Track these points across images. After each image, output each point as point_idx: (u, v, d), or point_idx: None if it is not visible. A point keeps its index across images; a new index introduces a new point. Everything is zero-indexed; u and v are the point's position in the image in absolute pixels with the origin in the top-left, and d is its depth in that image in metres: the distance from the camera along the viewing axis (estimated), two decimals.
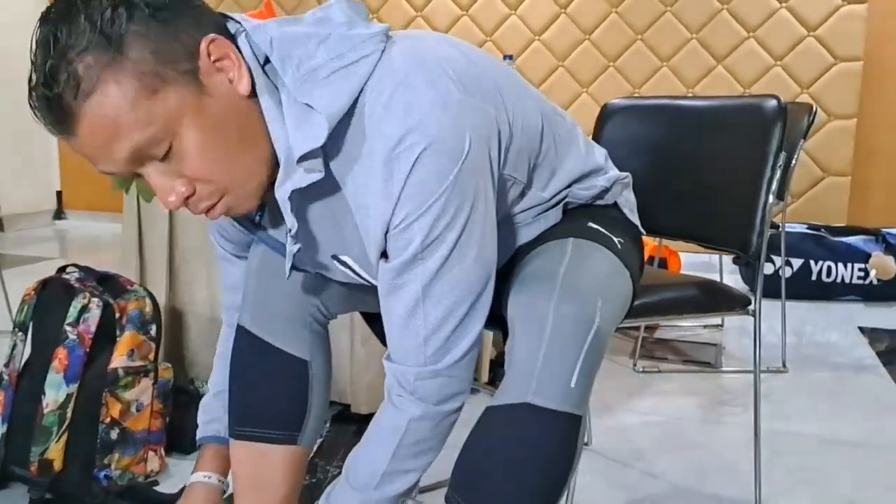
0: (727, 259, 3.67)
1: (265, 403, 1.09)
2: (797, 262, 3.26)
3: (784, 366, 2.44)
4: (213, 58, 0.82)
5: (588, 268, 0.97)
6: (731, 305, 1.32)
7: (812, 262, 3.26)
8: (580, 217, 1.08)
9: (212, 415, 1.22)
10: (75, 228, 4.93)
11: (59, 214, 5.06)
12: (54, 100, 0.76)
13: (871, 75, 3.67)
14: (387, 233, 0.87)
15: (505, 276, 1.03)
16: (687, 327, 2.87)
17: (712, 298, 1.31)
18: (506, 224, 1.04)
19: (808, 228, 3.35)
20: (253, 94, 0.85)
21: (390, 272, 0.90)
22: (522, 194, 1.01)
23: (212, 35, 0.82)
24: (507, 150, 0.94)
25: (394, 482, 0.97)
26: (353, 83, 0.84)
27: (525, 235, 1.06)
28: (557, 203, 1.08)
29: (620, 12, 3.91)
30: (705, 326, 2.88)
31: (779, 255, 3.14)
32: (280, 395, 1.09)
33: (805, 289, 3.26)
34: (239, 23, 0.88)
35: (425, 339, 0.90)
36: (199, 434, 1.22)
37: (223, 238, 1.18)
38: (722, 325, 2.89)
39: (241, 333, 1.10)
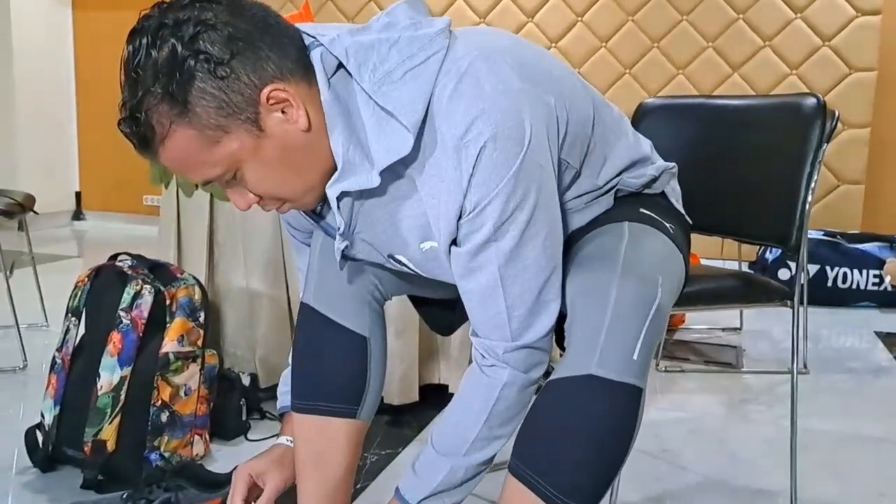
0: (744, 264, 3.71)
1: (327, 377, 1.13)
2: (813, 269, 3.30)
3: (805, 367, 2.47)
4: (271, 103, 0.89)
5: (646, 248, 1.01)
6: (771, 297, 1.36)
7: (828, 269, 3.30)
8: (632, 204, 1.13)
9: (289, 386, 1.26)
10: (94, 228, 4.98)
11: (77, 215, 5.11)
12: (135, 136, 0.89)
13: (885, 85, 3.72)
14: (459, 219, 0.92)
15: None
16: (705, 330, 2.91)
17: (753, 289, 1.36)
18: (561, 208, 1.08)
19: (824, 235, 3.39)
20: (311, 123, 0.92)
21: (465, 256, 0.95)
22: (575, 180, 1.06)
23: (271, 86, 0.88)
24: (563, 136, 0.99)
25: (483, 448, 1.03)
26: (426, 81, 0.90)
27: (578, 220, 1.11)
28: (609, 190, 1.12)
29: (637, 20, 3.97)
30: (723, 329, 2.92)
31: (794, 261, 3.18)
32: (341, 369, 1.13)
33: (821, 294, 3.30)
34: (314, 38, 0.94)
35: (508, 315, 0.96)
36: (281, 404, 1.28)
37: (292, 227, 1.23)
38: (740, 329, 2.93)
39: (305, 310, 1.15)
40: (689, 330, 2.90)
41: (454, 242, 0.95)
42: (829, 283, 3.30)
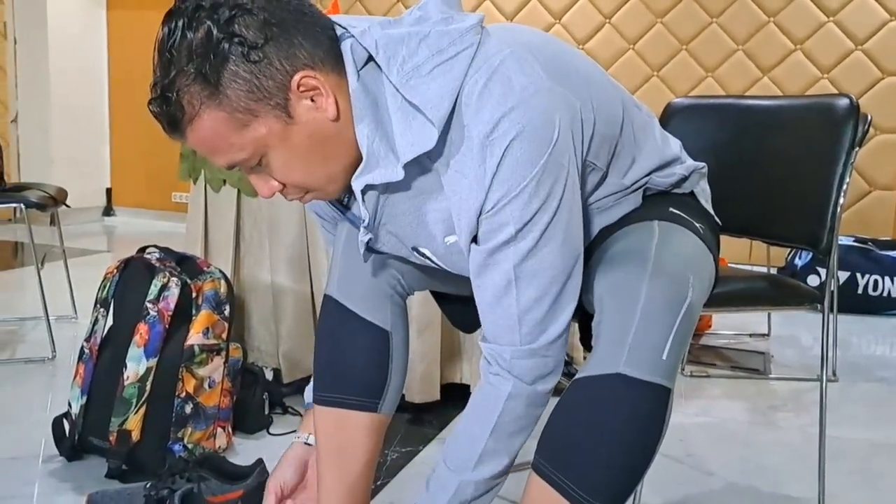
0: (772, 269, 3.66)
1: (349, 370, 1.13)
2: (844, 275, 3.24)
3: (834, 375, 2.43)
4: (302, 90, 0.89)
5: (677, 246, 1.00)
6: (802, 300, 1.34)
7: (859, 276, 3.25)
8: (661, 203, 1.11)
9: None
10: (123, 225, 5.05)
11: (108, 211, 5.19)
12: (165, 116, 0.89)
13: None
14: (479, 216, 0.92)
15: (587, 259, 1.06)
16: (731, 335, 2.87)
17: (783, 292, 1.34)
18: (586, 208, 1.07)
19: (855, 241, 3.34)
20: (339, 112, 0.92)
21: (482, 253, 0.94)
22: (601, 181, 1.05)
23: (302, 73, 0.88)
24: (590, 137, 0.98)
25: (491, 462, 1.00)
26: (455, 76, 0.89)
27: (605, 219, 1.10)
28: (637, 189, 1.11)
29: (665, 22, 3.94)
30: (751, 335, 2.88)
31: (824, 266, 3.14)
32: (363, 362, 1.13)
33: (851, 302, 3.25)
34: (346, 29, 0.94)
35: (519, 318, 0.94)
36: (308, 399, 1.27)
37: (318, 215, 1.24)
38: (768, 335, 2.89)
39: (328, 302, 1.15)
40: (716, 335, 2.86)
41: (474, 240, 0.95)
42: (860, 291, 3.25)
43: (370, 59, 0.94)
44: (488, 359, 0.98)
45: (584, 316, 1.08)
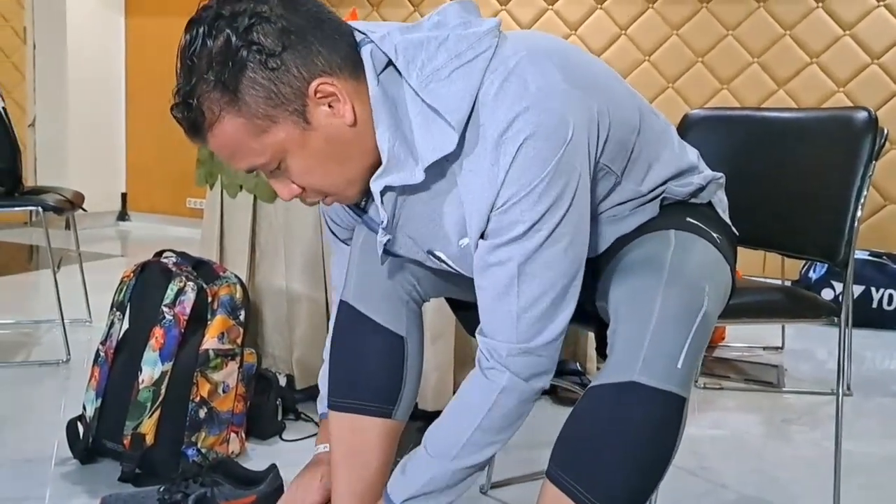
0: (786, 283, 3.64)
1: (363, 375, 1.14)
2: (858, 289, 3.22)
3: (848, 389, 2.41)
4: (319, 96, 0.91)
5: (693, 256, 1.00)
6: (818, 312, 1.33)
7: (873, 290, 3.22)
8: (678, 212, 1.12)
9: None
10: (138, 229, 5.08)
11: (122, 216, 5.22)
12: (186, 121, 0.92)
13: None
14: (490, 213, 0.92)
15: (603, 267, 1.06)
16: (745, 348, 2.85)
17: (799, 304, 1.33)
18: (602, 216, 1.08)
19: (870, 255, 3.31)
20: (356, 116, 0.93)
21: (488, 249, 0.94)
22: (615, 186, 1.05)
23: (320, 80, 0.90)
24: (605, 141, 0.98)
25: (473, 454, 1.01)
26: (473, 79, 0.90)
27: (623, 227, 1.10)
28: (654, 198, 1.11)
29: (681, 34, 3.94)
30: (765, 348, 2.86)
31: (838, 280, 3.12)
32: (378, 368, 1.14)
33: (866, 316, 3.22)
34: (365, 34, 0.96)
35: (518, 316, 0.95)
36: (322, 408, 1.26)
37: (333, 221, 1.24)
38: (782, 348, 2.87)
39: (344, 308, 1.16)
40: (730, 347, 2.85)
41: (482, 236, 0.95)
42: (874, 305, 3.22)
43: (389, 63, 0.95)
44: (484, 353, 0.99)
45: (600, 325, 1.08)
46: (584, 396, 0.94)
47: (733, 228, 1.21)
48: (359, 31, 0.97)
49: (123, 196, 5.22)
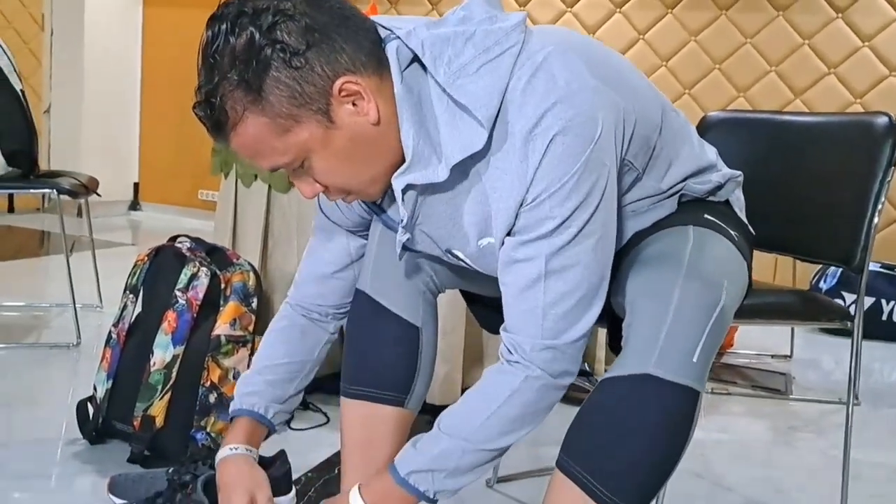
0: None
1: (378, 364, 1.14)
2: (868, 301, 3.20)
3: (856, 398, 2.40)
4: (343, 95, 0.90)
5: (711, 251, 1.00)
6: (832, 316, 1.33)
7: (884, 302, 3.21)
8: (696, 209, 1.11)
9: (252, 388, 1.22)
10: (149, 220, 5.10)
11: (134, 205, 5.25)
12: (209, 120, 0.91)
13: None
14: (518, 210, 0.92)
15: (621, 262, 1.06)
16: (753, 355, 2.85)
17: (813, 307, 1.33)
18: (622, 211, 1.08)
19: (881, 267, 3.30)
20: (381, 114, 0.92)
21: (514, 245, 0.94)
22: (636, 182, 1.05)
23: (344, 78, 0.89)
24: (630, 137, 0.98)
25: (487, 439, 0.97)
26: (501, 75, 0.90)
27: (640, 223, 1.10)
28: (673, 194, 1.11)
29: (699, 41, 3.93)
30: (773, 356, 2.85)
31: (849, 291, 3.11)
32: (392, 357, 1.13)
33: (875, 328, 3.20)
34: (390, 30, 0.95)
35: (543, 311, 0.93)
36: (235, 406, 1.21)
37: (338, 210, 1.19)
38: (790, 356, 2.86)
39: (360, 297, 1.16)
40: (738, 354, 2.84)
41: (509, 233, 0.95)
42: (884, 317, 3.21)
43: (414, 59, 0.94)
44: (508, 347, 0.97)
45: (613, 320, 1.08)
46: (598, 388, 0.94)
47: (750, 228, 1.20)
48: (383, 27, 0.96)
49: (136, 186, 5.24)
